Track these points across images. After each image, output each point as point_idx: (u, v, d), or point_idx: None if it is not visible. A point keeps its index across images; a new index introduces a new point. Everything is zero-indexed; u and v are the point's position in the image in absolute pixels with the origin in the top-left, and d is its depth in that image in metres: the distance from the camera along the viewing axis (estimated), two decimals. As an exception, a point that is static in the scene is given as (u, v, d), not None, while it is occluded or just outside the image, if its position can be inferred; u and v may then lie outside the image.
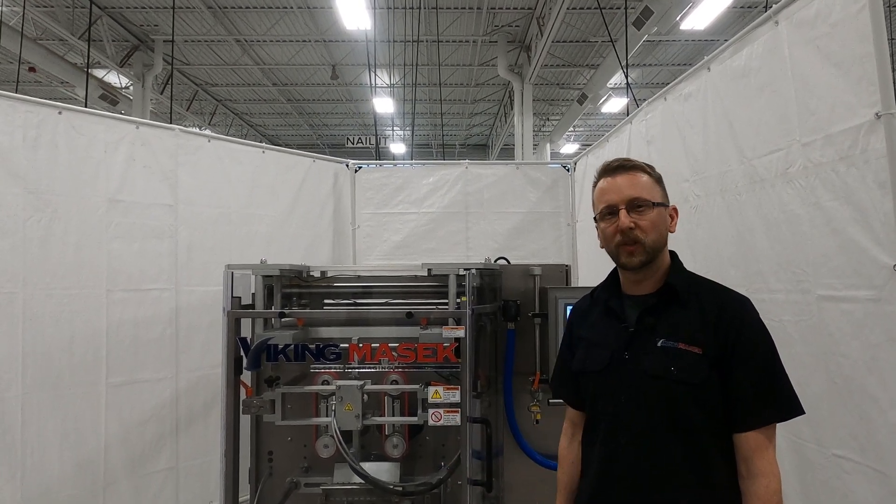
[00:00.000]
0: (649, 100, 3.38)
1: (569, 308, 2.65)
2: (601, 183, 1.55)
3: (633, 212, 1.47)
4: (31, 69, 11.33)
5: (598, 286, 1.67)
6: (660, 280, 1.52)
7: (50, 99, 3.25)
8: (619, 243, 1.48)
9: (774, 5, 2.22)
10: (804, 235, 2.10)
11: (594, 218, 1.57)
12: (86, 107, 5.03)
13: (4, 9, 9.97)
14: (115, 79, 13.28)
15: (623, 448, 1.44)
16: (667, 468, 1.40)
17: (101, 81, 12.26)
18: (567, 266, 2.96)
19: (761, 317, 1.46)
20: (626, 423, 1.45)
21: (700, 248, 2.81)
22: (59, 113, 3.11)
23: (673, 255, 1.56)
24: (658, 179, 1.54)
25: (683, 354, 1.41)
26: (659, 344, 1.44)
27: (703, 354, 1.40)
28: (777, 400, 1.39)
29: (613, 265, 1.59)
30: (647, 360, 1.44)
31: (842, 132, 1.91)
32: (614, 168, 1.54)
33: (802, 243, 2.12)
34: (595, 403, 1.55)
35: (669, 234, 1.53)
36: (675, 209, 1.56)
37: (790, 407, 1.39)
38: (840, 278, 1.95)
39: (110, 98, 11.77)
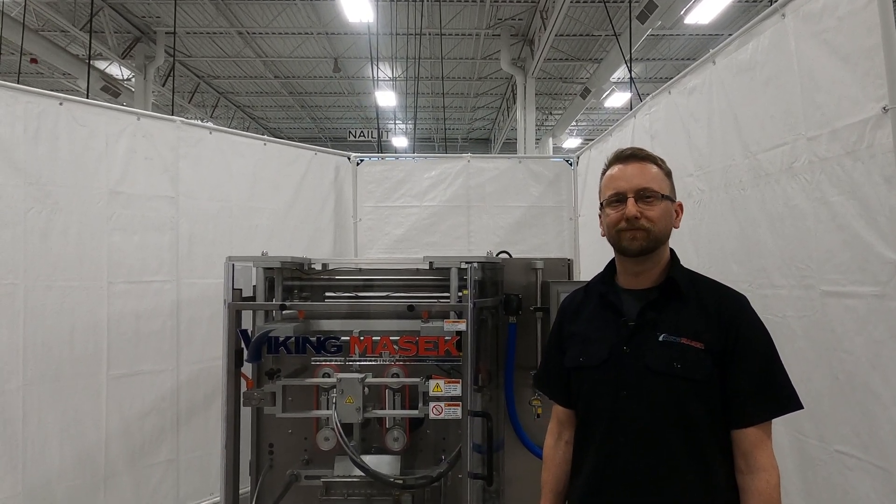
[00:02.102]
0: (653, 93, 3.35)
1: (571, 302, 2.65)
2: (612, 169, 1.54)
3: (641, 201, 1.46)
4: (33, 60, 11.31)
5: (593, 279, 1.66)
6: (659, 275, 1.51)
7: (52, 90, 3.24)
8: (621, 230, 1.46)
9: (781, -2, 2.20)
10: (809, 231, 2.09)
11: (600, 204, 1.55)
12: (87, 98, 5.02)
13: None
14: (116, 70, 13.25)
15: (622, 445, 1.41)
16: (668, 465, 1.38)
17: (102, 73, 12.24)
18: (569, 260, 2.95)
19: (764, 312, 1.45)
20: (626, 420, 1.43)
21: (703, 243, 2.80)
22: (60, 104, 3.10)
23: (671, 251, 1.55)
24: (668, 174, 1.54)
25: (686, 350, 1.40)
26: (661, 338, 1.42)
27: (705, 350, 1.39)
28: (777, 395, 1.39)
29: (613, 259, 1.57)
30: (649, 355, 1.42)
31: (848, 126, 1.89)
32: (627, 156, 1.53)
33: (807, 238, 2.10)
34: (591, 400, 1.51)
35: (673, 230, 1.52)
36: (680, 205, 1.55)
37: (789, 401, 1.40)
38: (844, 274, 1.93)
39: (112, 90, 11.76)
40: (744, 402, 1.38)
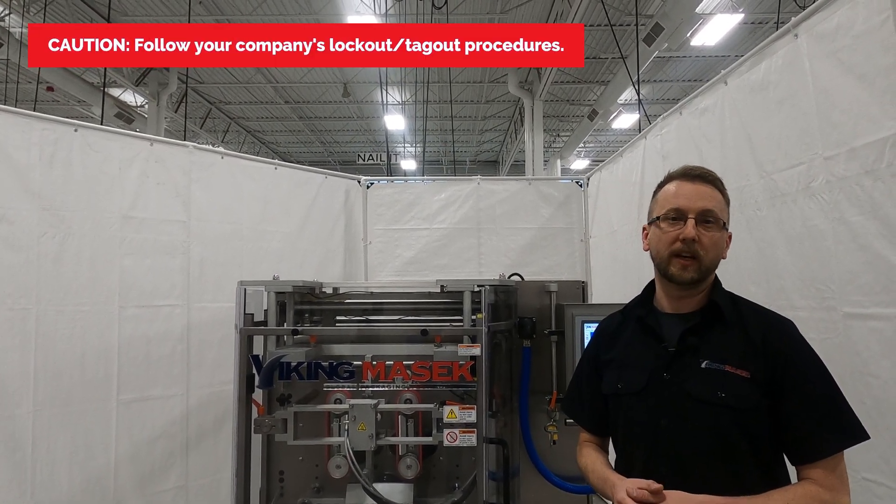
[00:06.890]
0: (664, 114, 3.35)
1: (586, 325, 2.62)
2: (675, 185, 1.46)
3: (701, 224, 1.39)
4: (49, 88, 11.54)
5: (630, 303, 1.59)
6: (701, 299, 1.45)
7: (67, 118, 3.27)
8: (675, 252, 1.40)
9: (794, 18, 2.20)
10: (828, 251, 2.05)
11: (656, 218, 1.46)
12: (101, 125, 5.08)
13: (24, 29, 10.18)
14: (130, 97, 13.49)
15: (663, 476, 1.33)
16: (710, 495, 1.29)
17: (117, 100, 12.46)
18: (583, 282, 2.91)
19: None
20: (666, 450, 1.37)
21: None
22: (75, 130, 3.13)
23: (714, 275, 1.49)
24: (728, 203, 1.48)
25: (731, 378, 1.33)
26: (703, 365, 1.36)
27: (751, 379, 1.32)
28: (842, 425, 1.30)
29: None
30: (691, 383, 1.36)
31: (866, 145, 1.87)
32: (695, 175, 1.45)
33: (827, 259, 2.06)
34: (630, 428, 1.46)
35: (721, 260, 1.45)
36: (730, 236, 1.48)
37: (855, 431, 1.30)
38: (868, 295, 1.89)
39: (126, 116, 11.96)
40: (805, 436, 1.30)
